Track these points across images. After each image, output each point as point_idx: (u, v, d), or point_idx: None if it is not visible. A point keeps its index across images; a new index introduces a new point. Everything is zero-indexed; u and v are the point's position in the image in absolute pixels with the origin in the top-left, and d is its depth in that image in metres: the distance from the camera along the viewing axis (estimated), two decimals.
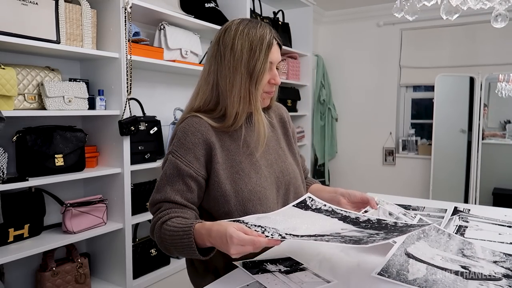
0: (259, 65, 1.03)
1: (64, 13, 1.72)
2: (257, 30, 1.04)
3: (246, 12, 2.74)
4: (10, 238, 1.64)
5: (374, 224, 0.89)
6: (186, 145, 1.02)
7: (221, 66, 1.05)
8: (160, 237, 0.98)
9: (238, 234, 0.81)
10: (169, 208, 1.00)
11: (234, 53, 1.03)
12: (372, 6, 3.99)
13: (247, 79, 1.03)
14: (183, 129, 1.04)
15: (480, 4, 1.34)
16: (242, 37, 1.03)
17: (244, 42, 1.03)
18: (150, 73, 2.42)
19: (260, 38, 1.03)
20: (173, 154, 1.03)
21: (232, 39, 1.04)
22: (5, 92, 1.49)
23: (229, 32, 1.05)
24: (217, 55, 1.06)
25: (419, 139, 4.06)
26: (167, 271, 2.22)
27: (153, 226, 1.01)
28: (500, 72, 3.54)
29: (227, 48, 1.04)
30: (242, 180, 1.04)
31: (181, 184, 1.01)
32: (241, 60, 1.03)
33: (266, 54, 1.04)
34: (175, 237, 0.93)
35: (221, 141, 1.06)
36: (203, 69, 1.11)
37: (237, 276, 0.91)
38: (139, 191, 2.11)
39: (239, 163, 1.06)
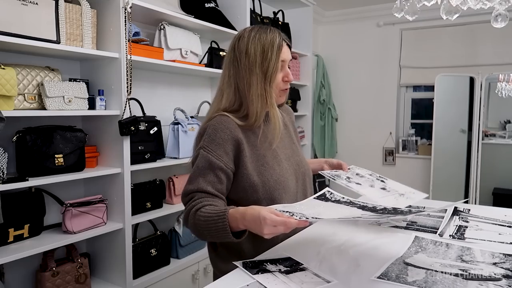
0: (271, 65, 1.14)
1: (64, 13, 1.72)
2: (267, 35, 1.16)
3: (246, 12, 2.74)
4: (10, 238, 1.64)
5: (390, 211, 0.93)
6: (216, 141, 1.12)
7: (238, 70, 1.16)
8: (194, 223, 1.07)
9: (270, 216, 0.90)
10: (201, 197, 1.10)
11: (248, 56, 1.15)
12: (372, 6, 3.99)
13: (262, 79, 1.14)
14: (213, 126, 1.14)
15: (480, 4, 1.34)
16: (254, 42, 1.15)
17: (257, 46, 1.15)
18: (150, 73, 2.42)
19: (271, 41, 1.15)
20: (204, 149, 1.12)
21: (246, 44, 1.16)
22: (5, 92, 1.48)
23: (242, 39, 1.18)
24: (234, 61, 1.18)
25: (419, 139, 4.06)
26: (167, 271, 2.22)
27: (187, 213, 1.11)
28: (500, 72, 3.54)
29: (242, 53, 1.16)
30: (268, 171, 1.16)
31: (212, 176, 1.11)
32: (255, 62, 1.14)
33: (277, 55, 1.15)
34: (209, 222, 1.02)
35: (247, 137, 1.17)
36: (223, 74, 1.22)
37: (237, 276, 0.91)
38: (139, 191, 2.11)
39: (263, 157, 1.18)
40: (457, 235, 1.19)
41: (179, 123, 2.32)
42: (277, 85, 1.19)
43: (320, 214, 0.93)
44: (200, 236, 1.10)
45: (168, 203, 2.36)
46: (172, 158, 2.33)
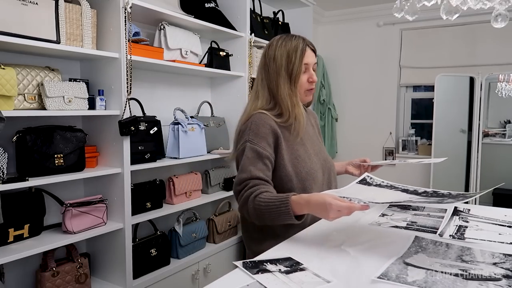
0: (295, 68, 1.31)
1: (64, 13, 1.72)
2: (292, 42, 1.33)
3: (246, 12, 2.74)
4: (10, 238, 1.64)
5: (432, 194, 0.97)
6: (259, 135, 1.26)
7: (268, 74, 1.34)
8: (254, 208, 1.18)
9: (336, 202, 1.03)
10: (256, 184, 1.21)
11: (276, 61, 1.32)
12: (372, 6, 3.99)
13: (288, 80, 1.31)
14: (255, 122, 1.28)
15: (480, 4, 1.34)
16: (281, 49, 1.33)
17: (283, 52, 1.32)
18: (150, 73, 2.42)
19: (295, 47, 1.32)
20: (250, 142, 1.26)
21: (274, 51, 1.33)
22: (5, 92, 1.49)
23: (271, 47, 1.35)
24: (265, 66, 1.35)
25: (419, 139, 4.06)
26: (167, 271, 2.22)
27: (245, 199, 1.21)
28: (500, 72, 3.54)
29: (271, 59, 1.33)
30: (300, 164, 1.31)
31: (261, 164, 1.24)
32: (281, 66, 1.31)
33: (301, 59, 1.31)
34: (271, 206, 1.14)
35: (282, 132, 1.31)
36: (257, 78, 1.39)
37: (237, 276, 0.91)
38: (139, 191, 2.11)
39: (296, 151, 1.33)
40: (457, 235, 1.19)
41: (179, 123, 2.32)
42: (301, 86, 1.34)
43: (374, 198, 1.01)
44: (258, 219, 1.20)
45: (168, 203, 2.36)
46: (172, 158, 2.33)
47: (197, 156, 2.43)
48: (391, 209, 1.52)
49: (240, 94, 2.77)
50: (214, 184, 2.64)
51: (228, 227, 2.67)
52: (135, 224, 2.08)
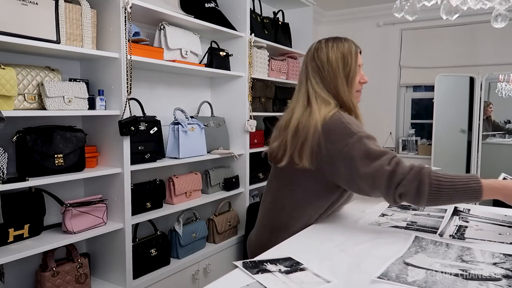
0: (352, 69, 1.30)
1: (64, 13, 1.72)
2: (344, 44, 1.33)
3: (246, 12, 2.74)
4: (10, 238, 1.64)
5: None
6: (358, 124, 1.22)
7: (324, 77, 1.30)
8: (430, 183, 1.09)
9: None
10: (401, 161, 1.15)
11: (331, 64, 1.29)
12: (372, 6, 3.99)
13: (345, 82, 1.29)
14: (344, 118, 1.22)
15: (480, 4, 1.34)
16: (334, 51, 1.31)
17: (337, 55, 1.30)
18: (150, 73, 2.42)
19: (348, 48, 1.32)
20: (360, 132, 1.18)
21: (326, 54, 1.31)
22: (5, 92, 1.48)
23: (321, 50, 1.33)
24: (318, 70, 1.31)
25: (419, 139, 4.06)
26: (167, 271, 2.22)
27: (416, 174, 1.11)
28: (500, 72, 3.54)
29: (324, 62, 1.30)
30: None
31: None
32: (337, 68, 1.29)
33: (356, 60, 1.31)
34: (456, 181, 1.10)
35: None
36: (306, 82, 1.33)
37: (237, 276, 0.91)
38: (139, 191, 2.11)
39: None
40: (457, 235, 1.19)
41: (179, 123, 2.32)
42: (355, 87, 1.33)
43: None
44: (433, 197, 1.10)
45: (168, 203, 2.36)
46: (172, 158, 2.33)
47: (197, 156, 2.43)
48: (391, 209, 1.52)
49: (240, 94, 2.77)
50: (214, 184, 2.64)
51: (228, 227, 2.67)
52: (135, 224, 2.08)
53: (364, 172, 1.15)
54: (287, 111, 1.35)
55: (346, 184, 1.22)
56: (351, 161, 1.16)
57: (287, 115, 1.33)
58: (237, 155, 2.75)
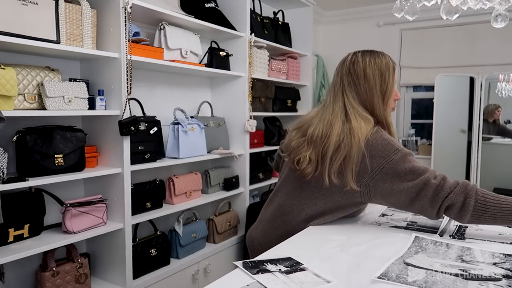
0: (390, 86, 1.27)
1: (64, 13, 1.72)
2: (382, 59, 1.28)
3: (246, 12, 2.74)
4: (10, 238, 1.64)
5: None
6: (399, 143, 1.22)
7: (359, 93, 1.26)
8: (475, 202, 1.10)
9: None
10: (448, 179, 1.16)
11: (368, 80, 1.26)
12: (372, 6, 3.99)
13: (382, 99, 1.27)
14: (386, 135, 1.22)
15: (480, 4, 1.34)
16: (371, 67, 1.26)
17: (375, 71, 1.26)
18: (150, 73, 2.42)
19: (386, 65, 1.27)
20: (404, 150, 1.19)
21: (363, 69, 1.26)
22: (5, 92, 1.48)
23: (357, 64, 1.27)
24: (353, 85, 1.27)
25: (419, 139, 4.06)
26: (167, 271, 2.22)
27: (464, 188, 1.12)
28: (500, 72, 3.54)
29: (361, 77, 1.26)
30: None
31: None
32: (374, 85, 1.25)
33: (393, 77, 1.28)
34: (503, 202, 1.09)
35: None
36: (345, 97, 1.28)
37: (237, 276, 0.91)
38: (139, 191, 2.11)
39: None
40: (457, 235, 1.19)
41: (179, 123, 2.32)
42: (389, 105, 1.30)
43: None
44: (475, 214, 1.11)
45: (168, 203, 2.36)
46: (172, 158, 2.33)
47: (197, 156, 2.43)
48: (391, 209, 1.52)
49: (240, 94, 2.77)
50: (214, 184, 2.64)
51: (228, 227, 2.67)
52: (135, 224, 2.08)
53: (407, 186, 1.14)
54: (322, 123, 1.26)
55: (382, 198, 1.20)
56: (394, 176, 1.16)
57: (323, 127, 1.25)
58: (237, 155, 2.75)
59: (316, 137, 1.25)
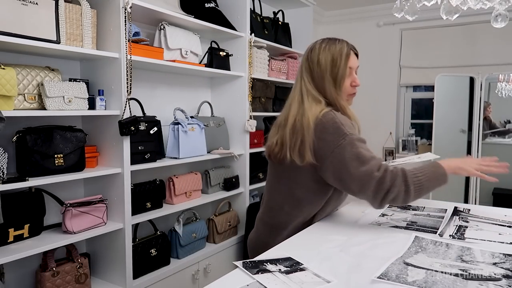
0: (340, 71, 1.30)
1: (64, 13, 1.72)
2: (336, 45, 1.33)
3: (246, 12, 2.74)
4: (10, 238, 1.64)
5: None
6: (350, 125, 1.26)
7: (313, 78, 1.33)
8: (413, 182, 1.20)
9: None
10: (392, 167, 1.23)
11: (320, 65, 1.31)
12: (372, 6, 3.99)
13: (333, 84, 1.31)
14: (338, 118, 1.25)
15: (480, 4, 1.34)
16: (324, 52, 1.32)
17: (327, 56, 1.31)
18: (150, 73, 2.42)
19: (339, 50, 1.32)
20: (351, 135, 1.23)
21: (317, 55, 1.32)
22: (5, 92, 1.48)
23: (314, 50, 1.34)
24: (309, 70, 1.34)
25: (419, 139, 4.06)
26: (167, 271, 2.22)
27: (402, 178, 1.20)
28: (500, 72, 3.54)
29: (315, 63, 1.32)
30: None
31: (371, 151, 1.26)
32: (326, 70, 1.30)
33: (345, 62, 1.31)
34: (428, 173, 1.22)
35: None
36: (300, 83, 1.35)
37: (237, 276, 0.91)
38: (139, 191, 2.11)
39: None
40: (457, 235, 1.19)
41: (179, 123, 2.32)
42: (345, 90, 1.34)
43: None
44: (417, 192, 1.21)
45: (168, 203, 2.36)
46: (172, 158, 2.33)
47: (197, 156, 2.43)
48: (391, 209, 1.52)
49: (240, 94, 2.77)
50: (214, 184, 2.64)
51: (228, 227, 2.67)
52: (135, 224, 2.08)
53: (353, 174, 1.20)
54: (284, 108, 1.37)
55: (334, 182, 1.26)
56: (341, 161, 1.21)
57: (284, 112, 1.36)
58: (237, 155, 2.75)
59: (280, 121, 1.35)
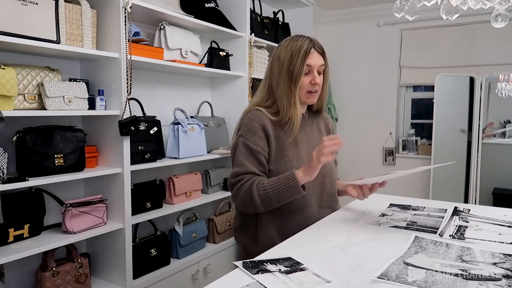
0: (296, 69, 1.30)
1: (64, 13, 1.72)
2: (298, 42, 1.33)
3: (246, 12, 2.74)
4: (10, 238, 1.64)
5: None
6: (252, 130, 1.31)
7: (272, 73, 1.36)
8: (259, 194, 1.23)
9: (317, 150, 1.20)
10: (251, 177, 1.27)
11: (279, 61, 1.33)
12: (372, 6, 3.99)
13: (288, 81, 1.32)
14: (248, 118, 1.33)
15: (480, 4, 1.34)
16: (286, 49, 1.33)
17: (287, 53, 1.32)
18: (150, 73, 2.42)
19: (299, 47, 1.31)
20: (243, 137, 1.31)
21: (279, 51, 1.35)
22: (5, 92, 1.48)
23: (279, 47, 1.37)
24: (271, 65, 1.38)
25: (419, 139, 4.06)
26: (167, 271, 2.22)
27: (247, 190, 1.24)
28: (500, 72, 3.54)
29: (276, 59, 1.35)
30: (285, 164, 1.32)
31: (254, 159, 1.29)
32: (283, 66, 1.32)
33: (303, 60, 1.30)
34: (277, 185, 1.22)
35: (275, 130, 1.34)
36: (265, 75, 1.41)
37: (237, 276, 0.91)
38: (139, 191, 2.11)
39: (286, 151, 1.33)
40: (457, 235, 1.19)
41: (179, 123, 2.32)
42: (302, 87, 1.34)
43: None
44: (264, 204, 1.24)
45: (168, 203, 2.36)
46: (172, 158, 2.33)
47: (197, 156, 2.43)
48: (391, 209, 1.52)
49: (240, 94, 2.77)
50: (214, 184, 2.64)
51: (228, 227, 2.67)
52: (135, 224, 2.08)
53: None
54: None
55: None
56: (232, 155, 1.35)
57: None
58: None
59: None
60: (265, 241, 1.31)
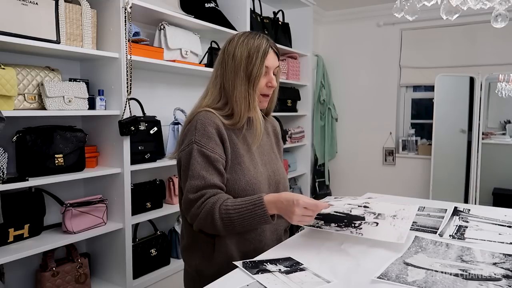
0: (255, 70, 1.18)
1: (64, 13, 1.72)
2: (255, 40, 1.20)
3: (246, 12, 2.74)
4: (10, 238, 1.64)
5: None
6: (207, 135, 1.15)
7: (225, 71, 1.22)
8: (221, 218, 1.07)
9: (304, 198, 1.03)
10: (215, 193, 1.11)
11: (235, 60, 1.20)
12: (372, 6, 3.99)
13: (246, 82, 1.19)
14: (200, 121, 1.16)
15: (480, 4, 1.34)
16: (242, 46, 1.20)
17: (243, 51, 1.19)
18: (150, 73, 2.42)
19: (257, 46, 1.19)
20: (197, 144, 1.14)
21: (234, 48, 1.21)
22: (5, 92, 1.48)
23: (232, 42, 1.22)
24: (223, 62, 1.23)
25: (419, 139, 4.06)
26: (167, 271, 2.22)
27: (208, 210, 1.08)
28: (500, 72, 3.54)
29: (230, 56, 1.21)
30: (242, 171, 1.19)
31: (212, 169, 1.14)
32: (240, 65, 1.19)
33: (262, 61, 1.19)
34: (243, 211, 1.06)
35: (229, 135, 1.20)
36: (212, 74, 1.27)
37: (237, 276, 0.92)
38: (139, 191, 2.11)
39: (241, 157, 1.20)
40: (457, 235, 1.19)
41: (179, 123, 2.32)
42: (259, 90, 1.22)
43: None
44: (226, 228, 1.09)
45: (168, 203, 2.36)
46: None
47: None
48: None
49: None
50: None
51: None
52: (135, 224, 2.08)
53: (180, 183, 1.18)
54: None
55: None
56: (179, 165, 1.18)
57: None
58: None
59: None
60: (222, 261, 1.16)
